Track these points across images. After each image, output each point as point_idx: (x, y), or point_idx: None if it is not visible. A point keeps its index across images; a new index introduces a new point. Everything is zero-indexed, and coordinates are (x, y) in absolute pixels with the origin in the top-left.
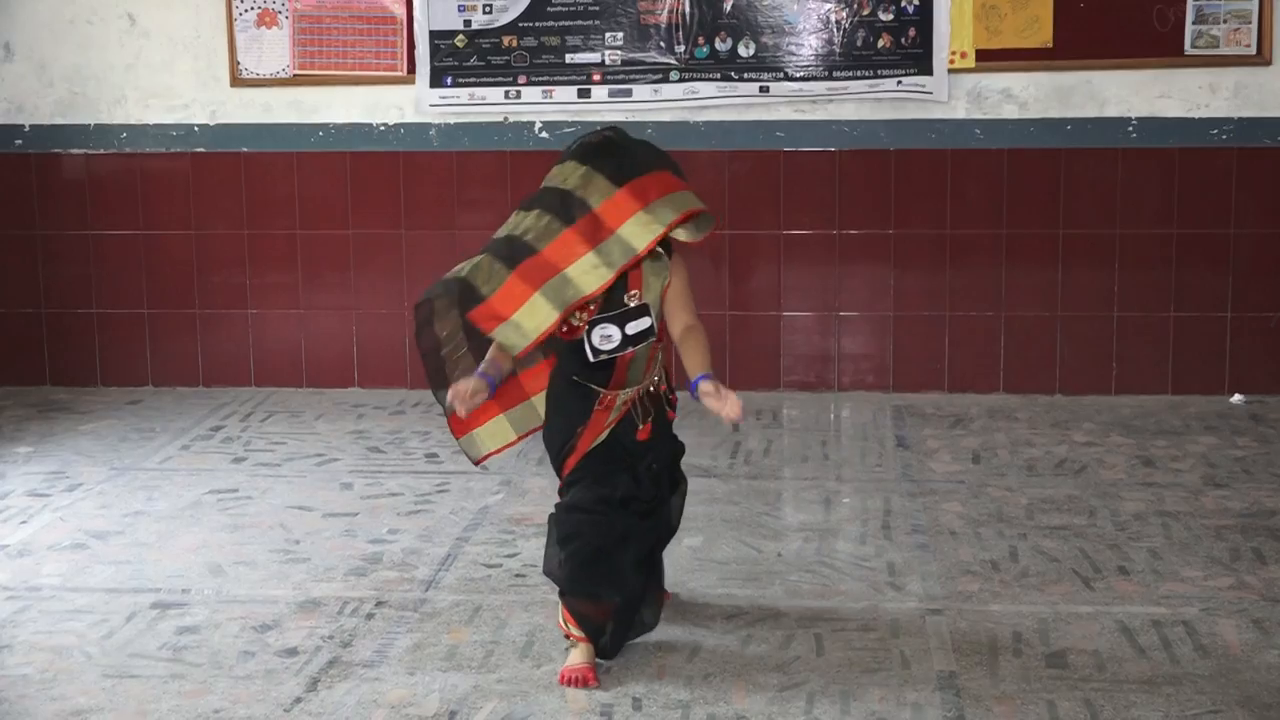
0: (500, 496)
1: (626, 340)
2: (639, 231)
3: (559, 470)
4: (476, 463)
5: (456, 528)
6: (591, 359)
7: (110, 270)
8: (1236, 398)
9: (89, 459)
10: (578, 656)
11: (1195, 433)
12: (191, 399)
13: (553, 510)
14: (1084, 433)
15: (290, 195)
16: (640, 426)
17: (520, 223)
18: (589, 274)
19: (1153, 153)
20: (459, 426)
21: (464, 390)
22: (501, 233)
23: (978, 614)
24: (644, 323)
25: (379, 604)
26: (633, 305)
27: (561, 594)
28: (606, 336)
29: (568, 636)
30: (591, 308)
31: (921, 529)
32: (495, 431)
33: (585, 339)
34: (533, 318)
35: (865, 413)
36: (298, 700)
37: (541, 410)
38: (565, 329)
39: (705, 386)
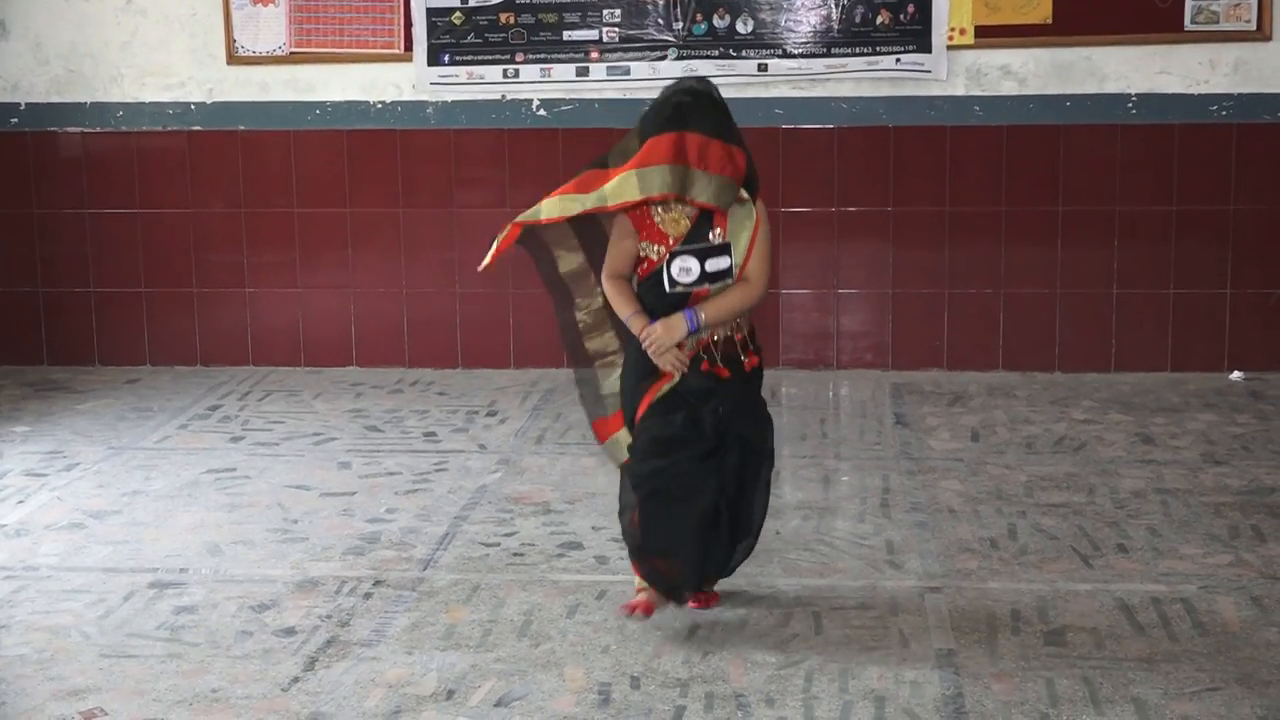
0: (498, 475)
1: (704, 276)
2: (617, 189)
3: (630, 420)
4: (622, 466)
5: (455, 507)
6: (668, 289)
7: (107, 249)
8: (1236, 375)
9: (86, 438)
10: (643, 595)
11: (1194, 410)
12: (189, 378)
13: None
14: (1083, 410)
15: (287, 174)
16: (704, 360)
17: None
18: (554, 205)
19: (1152, 129)
20: (602, 431)
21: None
22: None
23: (976, 592)
24: (724, 261)
25: (377, 583)
26: (716, 242)
27: (631, 553)
28: (685, 269)
29: (639, 591)
30: (672, 241)
31: (920, 507)
32: None
33: (664, 269)
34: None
35: (864, 390)
36: (295, 680)
37: None
38: (643, 262)
39: (671, 317)
